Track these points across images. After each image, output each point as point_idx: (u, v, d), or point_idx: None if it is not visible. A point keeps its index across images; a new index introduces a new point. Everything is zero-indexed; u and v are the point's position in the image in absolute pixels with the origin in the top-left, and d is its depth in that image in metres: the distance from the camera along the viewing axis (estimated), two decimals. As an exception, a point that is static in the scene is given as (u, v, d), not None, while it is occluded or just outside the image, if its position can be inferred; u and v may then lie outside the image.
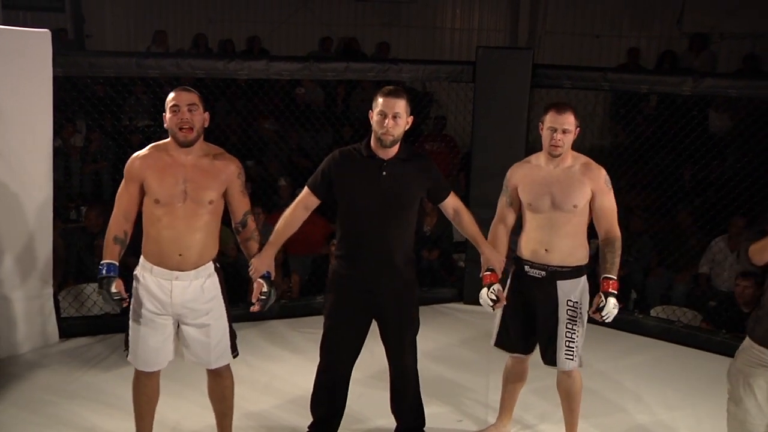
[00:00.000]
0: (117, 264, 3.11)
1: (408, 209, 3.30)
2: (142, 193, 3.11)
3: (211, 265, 3.19)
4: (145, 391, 3.31)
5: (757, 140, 6.18)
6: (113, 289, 3.05)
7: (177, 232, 3.07)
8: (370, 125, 3.27)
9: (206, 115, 3.12)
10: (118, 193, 3.17)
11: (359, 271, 3.30)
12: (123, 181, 3.16)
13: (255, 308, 3.23)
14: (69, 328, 4.89)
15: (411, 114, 3.25)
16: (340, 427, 3.62)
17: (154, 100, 5.95)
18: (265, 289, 3.22)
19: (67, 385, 4.26)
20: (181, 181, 3.06)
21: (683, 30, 9.58)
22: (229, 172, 3.15)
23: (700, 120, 6.01)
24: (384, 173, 3.22)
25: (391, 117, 3.15)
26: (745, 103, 7.09)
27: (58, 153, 5.46)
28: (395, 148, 3.25)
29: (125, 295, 3.10)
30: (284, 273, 5.66)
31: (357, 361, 3.51)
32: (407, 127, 3.25)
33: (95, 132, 7.25)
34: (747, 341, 3.00)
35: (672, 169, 6.13)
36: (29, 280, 4.59)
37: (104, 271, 3.08)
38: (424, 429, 3.66)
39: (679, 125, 5.72)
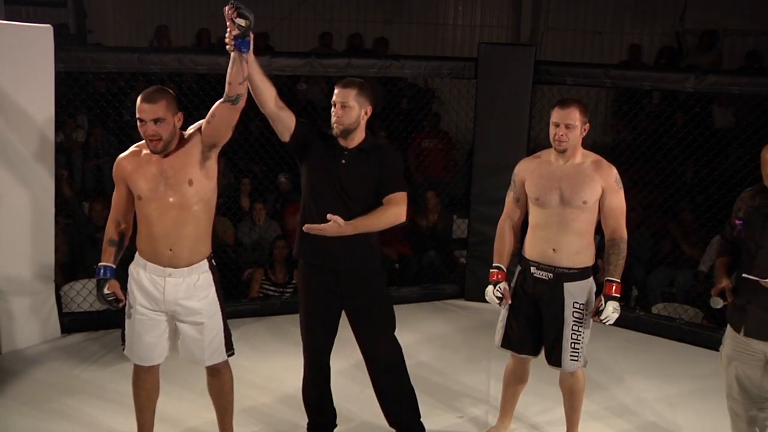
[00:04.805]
0: (113, 266, 3.16)
1: (363, 201, 3.25)
2: (131, 192, 3.13)
3: (205, 263, 3.17)
4: (145, 387, 3.32)
5: (759, 137, 6.17)
6: (106, 291, 3.12)
7: (166, 228, 3.07)
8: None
9: (179, 116, 3.04)
10: (112, 197, 3.21)
11: (315, 257, 3.32)
12: (115, 184, 3.20)
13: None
14: (71, 323, 4.89)
15: (374, 104, 3.30)
16: (340, 424, 3.64)
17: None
18: (242, 23, 2.77)
19: (68, 381, 4.26)
20: (159, 175, 3.05)
21: (686, 27, 9.56)
22: (195, 135, 3.08)
23: (702, 117, 6.00)
24: (343, 161, 3.25)
25: (339, 107, 3.21)
26: (748, 100, 7.07)
27: (59, 148, 5.46)
28: (357, 138, 3.27)
29: (121, 296, 3.14)
30: (289, 269, 5.66)
31: (356, 358, 3.51)
32: (365, 117, 3.26)
33: (97, 127, 7.25)
34: (729, 328, 3.17)
35: (674, 166, 6.11)
36: (31, 275, 4.60)
37: (100, 274, 3.14)
38: (421, 421, 3.61)
39: (681, 122, 5.71)
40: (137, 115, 3.00)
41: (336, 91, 3.25)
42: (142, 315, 3.16)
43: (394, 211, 3.22)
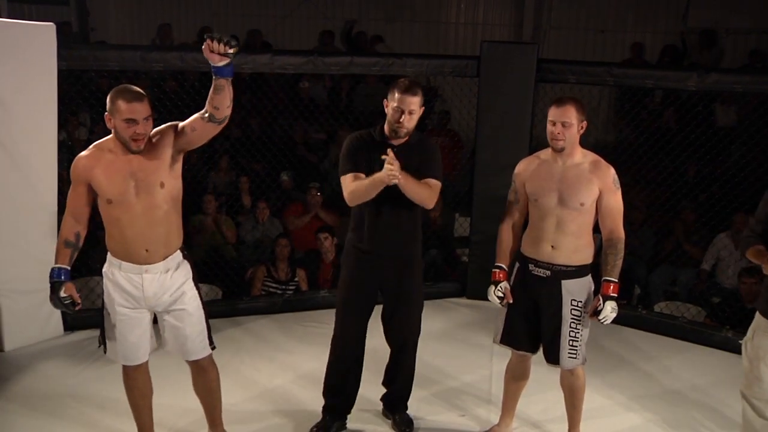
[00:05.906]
0: (68, 268, 3.09)
1: None
2: (92, 193, 3.07)
3: (179, 254, 3.17)
4: (137, 385, 3.31)
5: (762, 135, 6.17)
6: (62, 294, 3.03)
7: (139, 230, 3.04)
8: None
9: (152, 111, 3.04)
10: (68, 196, 3.12)
11: (369, 244, 3.48)
12: (71, 184, 3.09)
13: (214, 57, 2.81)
14: (73, 321, 4.89)
15: (422, 105, 3.45)
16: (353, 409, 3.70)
17: (158, 94, 5.98)
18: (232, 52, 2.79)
19: (70, 379, 4.27)
20: (128, 177, 3.00)
21: (689, 25, 9.55)
22: (166, 138, 3.05)
23: (705, 115, 6.00)
24: None
25: (407, 113, 3.35)
26: (750, 98, 7.07)
27: (62, 146, 5.46)
28: (408, 135, 3.43)
29: (77, 299, 3.08)
30: (291, 266, 5.67)
31: (374, 345, 3.54)
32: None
33: (100, 125, 7.25)
34: (761, 320, 3.14)
35: (677, 164, 6.11)
36: (34, 273, 4.59)
37: (54, 276, 3.06)
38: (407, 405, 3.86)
39: (684, 120, 5.70)
40: (128, 116, 2.91)
41: (400, 97, 3.35)
42: (123, 315, 3.14)
43: (429, 191, 3.38)
